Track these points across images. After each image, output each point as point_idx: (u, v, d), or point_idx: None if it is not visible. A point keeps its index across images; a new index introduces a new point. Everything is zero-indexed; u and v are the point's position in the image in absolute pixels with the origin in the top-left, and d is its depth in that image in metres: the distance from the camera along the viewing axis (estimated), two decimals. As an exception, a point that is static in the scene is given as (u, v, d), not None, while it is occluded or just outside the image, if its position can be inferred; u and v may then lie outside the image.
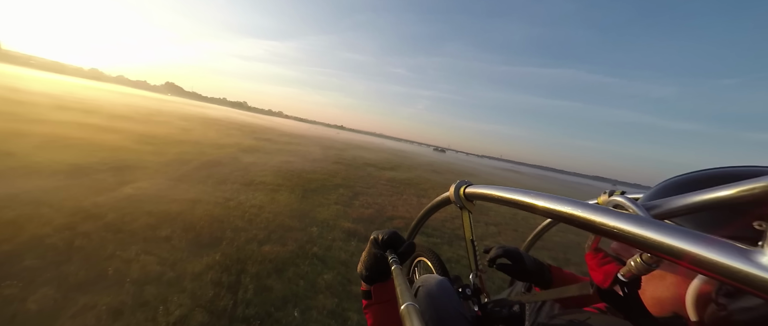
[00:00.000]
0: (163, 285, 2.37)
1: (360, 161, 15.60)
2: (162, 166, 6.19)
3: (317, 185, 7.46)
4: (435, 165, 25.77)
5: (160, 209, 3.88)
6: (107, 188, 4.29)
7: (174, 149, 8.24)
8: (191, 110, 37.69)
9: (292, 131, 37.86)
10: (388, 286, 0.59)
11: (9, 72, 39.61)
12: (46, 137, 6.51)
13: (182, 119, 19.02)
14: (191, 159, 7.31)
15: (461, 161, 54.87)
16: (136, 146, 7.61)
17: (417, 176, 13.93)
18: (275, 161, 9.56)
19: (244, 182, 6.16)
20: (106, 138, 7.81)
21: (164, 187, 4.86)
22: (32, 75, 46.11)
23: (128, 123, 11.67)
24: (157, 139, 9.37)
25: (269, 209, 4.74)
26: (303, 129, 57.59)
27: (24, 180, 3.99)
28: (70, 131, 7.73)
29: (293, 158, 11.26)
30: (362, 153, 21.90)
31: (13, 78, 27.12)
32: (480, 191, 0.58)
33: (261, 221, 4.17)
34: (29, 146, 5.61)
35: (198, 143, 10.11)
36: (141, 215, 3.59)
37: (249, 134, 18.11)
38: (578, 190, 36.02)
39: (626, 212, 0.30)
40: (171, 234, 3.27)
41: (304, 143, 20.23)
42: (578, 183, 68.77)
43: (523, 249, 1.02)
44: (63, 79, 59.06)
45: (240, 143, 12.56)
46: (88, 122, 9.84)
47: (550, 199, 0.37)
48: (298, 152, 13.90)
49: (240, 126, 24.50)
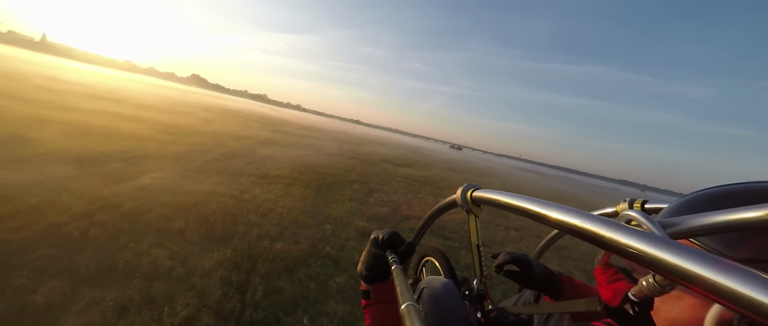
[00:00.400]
0: (171, 282, 2.30)
1: (375, 157, 15.46)
2: (181, 156, 6.28)
3: (332, 180, 7.37)
4: (452, 163, 25.25)
5: (175, 201, 3.88)
6: (127, 177, 4.35)
7: (194, 139, 8.39)
8: (213, 101, 38.88)
9: (309, 124, 38.28)
10: (388, 287, 0.58)
11: (50, 63, 42.27)
12: (75, 125, 6.76)
13: (204, 110, 19.57)
14: (210, 150, 7.40)
15: (479, 160, 53.62)
16: (158, 135, 7.79)
17: (433, 174, 13.61)
18: (291, 155, 9.57)
19: (259, 175, 6.14)
20: (130, 127, 8.05)
21: (182, 178, 4.89)
22: (70, 66, 49.01)
23: (153, 113, 12.07)
24: (179, 129, 9.59)
25: (283, 204, 4.66)
26: (320, 123, 58.17)
27: (50, 166, 4.09)
28: (98, 120, 8.02)
29: (309, 152, 11.26)
30: (378, 149, 21.75)
31: (53, 68, 28.85)
32: (487, 196, 0.54)
33: (274, 217, 4.09)
34: (59, 133, 5.82)
35: (217, 134, 10.28)
36: (157, 206, 3.59)
37: (267, 127, 18.39)
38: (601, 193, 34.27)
39: (640, 229, 0.28)
40: (184, 227, 3.23)
41: (320, 137, 20.33)
42: (602, 187, 65.28)
43: (533, 256, 0.98)
44: (98, 70, 62.52)
45: (258, 135, 12.72)
46: (115, 111, 10.22)
47: (559, 210, 0.35)
48: (314, 145, 13.93)
49: (259, 118, 24.97)
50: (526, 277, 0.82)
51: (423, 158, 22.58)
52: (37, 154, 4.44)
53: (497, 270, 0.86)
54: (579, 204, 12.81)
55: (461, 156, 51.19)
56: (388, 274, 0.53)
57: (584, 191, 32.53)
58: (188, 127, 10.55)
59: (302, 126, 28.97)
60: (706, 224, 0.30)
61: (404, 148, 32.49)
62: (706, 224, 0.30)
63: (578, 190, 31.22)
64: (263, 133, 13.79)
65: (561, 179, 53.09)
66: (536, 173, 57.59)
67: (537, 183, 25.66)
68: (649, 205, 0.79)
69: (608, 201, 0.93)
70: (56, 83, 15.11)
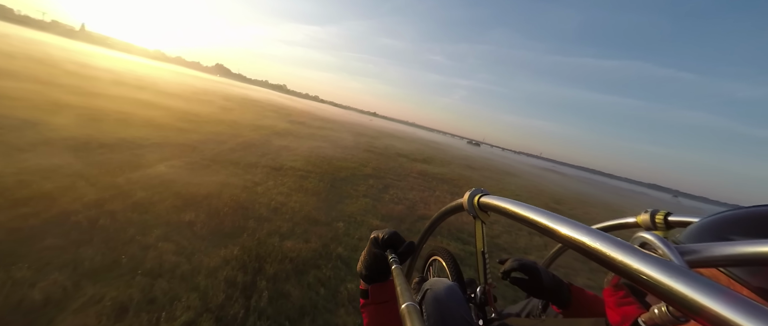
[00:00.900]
0: (175, 280, 2.18)
1: (392, 151, 15.19)
2: (198, 144, 6.28)
3: (347, 173, 7.20)
4: (470, 160, 24.57)
5: (188, 191, 3.80)
6: (143, 165, 4.33)
7: (212, 128, 8.44)
8: (234, 90, 39.74)
9: (327, 115, 38.42)
10: (387, 287, 0.58)
11: (85, 50, 44.53)
12: (97, 111, 6.91)
13: (224, 99, 19.94)
14: (226, 140, 7.40)
15: (497, 157, 52.14)
16: (177, 123, 7.88)
17: (451, 171, 13.21)
18: (307, 146, 9.48)
19: (274, 167, 6.05)
20: (152, 114, 8.19)
21: (197, 167, 4.84)
22: (103, 54, 51.48)
23: (174, 101, 12.33)
24: (198, 118, 9.71)
25: (296, 199, 4.52)
26: (337, 114, 58.36)
27: (69, 153, 4.12)
28: (119, 106, 8.21)
29: (325, 144, 11.15)
30: (394, 142, 21.46)
31: (87, 56, 30.33)
32: (495, 202, 0.50)
33: (286, 211, 3.95)
34: (79, 118, 5.95)
35: (235, 124, 10.35)
36: (169, 196, 3.52)
37: (284, 117, 18.51)
38: (627, 197, 32.44)
39: (654, 255, 0.26)
40: (194, 219, 3.13)
41: (336, 129, 20.27)
42: (628, 190, 61.59)
43: (543, 265, 0.95)
44: (129, 58, 65.37)
45: (275, 125, 12.75)
46: (138, 98, 10.48)
47: (569, 225, 0.33)
48: (330, 137, 13.83)
49: (277, 109, 25.24)
50: (534, 285, 0.78)
51: (440, 154, 22.08)
52: (59, 138, 4.51)
53: (504, 277, 0.82)
54: (603, 209, 12.09)
55: (479, 153, 49.95)
56: (388, 274, 0.53)
57: (609, 194, 30.89)
58: (207, 115, 10.69)
59: (319, 117, 29.09)
60: (730, 255, 0.27)
61: (421, 142, 31.99)
62: (731, 254, 0.27)
63: (602, 193, 29.68)
64: (280, 123, 13.83)
65: (585, 181, 50.69)
66: (558, 173, 55.34)
67: (559, 184, 24.53)
68: (673, 217, 0.71)
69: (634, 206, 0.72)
70: (86, 69, 15.78)
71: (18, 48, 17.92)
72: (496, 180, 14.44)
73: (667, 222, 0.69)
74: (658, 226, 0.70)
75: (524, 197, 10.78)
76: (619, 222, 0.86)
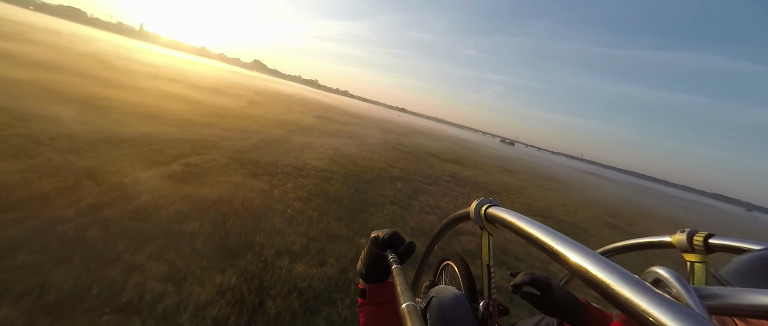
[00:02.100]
0: (153, 321, 1.72)
1: (421, 150, 14.43)
2: (221, 141, 6.05)
3: (373, 175, 6.63)
4: (504, 161, 22.95)
5: (198, 194, 3.44)
6: (158, 162, 4.08)
7: (237, 123, 8.30)
8: (266, 85, 41.00)
9: (355, 110, 38.29)
10: (385, 288, 0.57)
11: (138, 47, 48.39)
12: (128, 104, 6.96)
13: (255, 93, 20.35)
14: (250, 136, 7.16)
15: (534, 158, 48.78)
16: (204, 118, 7.80)
17: (486, 174, 12.17)
18: (332, 144, 9.06)
19: (295, 166, 5.64)
20: (180, 108, 8.21)
21: (214, 165, 4.53)
22: (154, 50, 55.72)
23: (206, 94, 12.57)
24: (228, 112, 9.69)
25: (315, 205, 4.03)
26: (365, 109, 58.25)
27: (86, 148, 3.96)
28: (150, 100, 8.32)
29: (351, 141, 10.69)
30: (423, 140, 20.59)
31: (137, 52, 32.80)
32: (502, 215, 0.47)
33: (302, 222, 3.45)
34: (109, 111, 5.95)
35: (262, 118, 10.22)
36: (176, 200, 3.16)
37: (312, 112, 18.42)
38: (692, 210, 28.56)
39: (668, 298, 0.23)
40: (197, 230, 2.72)
41: (364, 125, 19.84)
42: (690, 201, 53.49)
43: (559, 281, 0.91)
44: (175, 54, 70.26)
45: (301, 121, 12.54)
46: (172, 91, 10.73)
47: (579, 251, 0.29)
48: (356, 134, 13.37)
49: (305, 103, 25.42)
50: (546, 302, 0.71)
51: (472, 154, 20.82)
52: (80, 132, 4.40)
53: (514, 291, 0.75)
54: (666, 223, 10.28)
55: (514, 153, 47.10)
56: (387, 275, 0.55)
57: (669, 205, 27.30)
58: (235, 109, 10.69)
59: (347, 112, 28.92)
60: (756, 305, 0.23)
61: (451, 140, 30.66)
62: (757, 304, 0.23)
63: (661, 203, 26.29)
64: (307, 119, 13.63)
65: (637, 188, 45.48)
66: (604, 178, 50.59)
67: (610, 191, 22.04)
68: (716, 240, 0.60)
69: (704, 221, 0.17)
70: (131, 63, 16.76)
71: (77, 45, 19.59)
72: (539, 186, 13.09)
73: (708, 246, 0.59)
74: (696, 249, 0.59)
75: (573, 208, 9.50)
76: (649, 241, 0.73)
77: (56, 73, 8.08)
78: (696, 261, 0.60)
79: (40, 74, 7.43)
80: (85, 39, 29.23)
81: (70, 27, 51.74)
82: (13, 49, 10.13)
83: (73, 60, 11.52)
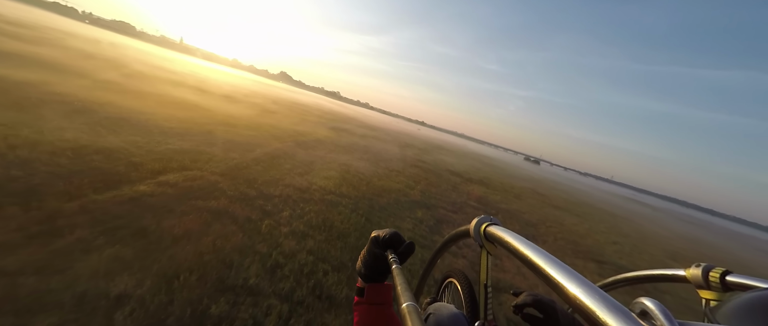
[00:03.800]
0: None
1: (442, 167, 13.31)
2: (223, 153, 5.35)
3: (389, 199, 5.66)
4: (533, 182, 21.16)
5: (160, 227, 2.62)
6: (126, 180, 3.34)
7: (246, 133, 7.67)
8: (286, 95, 41.57)
9: (373, 122, 37.80)
10: (383, 290, 0.57)
11: (173, 58, 50.97)
12: (135, 112, 6.49)
13: (273, 103, 20.19)
14: (255, 148, 6.45)
15: (563, 179, 45.65)
16: (211, 126, 7.23)
17: (516, 199, 10.82)
18: (344, 160, 8.20)
19: (298, 187, 4.79)
20: (190, 115, 7.73)
21: (197, 186, 3.75)
22: (187, 60, 58.76)
23: (222, 102, 12.26)
24: (239, 121, 9.17)
25: (312, 245, 3.10)
26: (384, 121, 57.84)
27: (63, 162, 3.30)
28: (163, 108, 7.90)
29: (366, 156, 9.81)
30: (444, 157, 19.42)
31: (169, 61, 34.32)
32: (502, 235, 0.47)
33: (290, 273, 2.53)
34: (111, 120, 5.43)
35: (273, 128, 9.60)
36: (125, 236, 2.35)
37: (328, 123, 17.85)
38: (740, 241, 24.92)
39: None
40: (130, 293, 1.86)
41: (381, 138, 19.01)
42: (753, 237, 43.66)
43: (568, 307, 0.75)
44: (206, 64, 73.94)
45: (314, 132, 11.84)
46: (187, 99, 10.43)
47: (571, 277, 0.29)
48: (373, 149, 12.49)
49: (323, 114, 25.10)
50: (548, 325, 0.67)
51: (497, 173, 19.31)
52: (63, 141, 3.79)
53: (515, 311, 0.71)
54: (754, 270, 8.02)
55: (540, 172, 44.41)
56: (386, 275, 0.56)
57: (734, 242, 23.85)
58: (249, 118, 10.19)
59: (365, 124, 28.36)
60: None
61: (474, 158, 29.15)
62: None
63: (723, 240, 23.00)
64: (321, 130, 12.94)
65: (684, 218, 39.38)
66: (644, 204, 46.21)
67: (657, 222, 19.36)
68: (734, 278, 0.57)
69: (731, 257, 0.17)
70: (156, 70, 17.07)
71: (116, 54, 20.48)
72: (579, 216, 11.49)
73: (725, 283, 0.56)
74: (712, 285, 0.57)
75: (626, 247, 7.91)
76: (662, 273, 0.72)
77: (71, 77, 7.90)
78: (711, 298, 0.56)
79: (43, 76, 7.22)
80: (128, 49, 31.00)
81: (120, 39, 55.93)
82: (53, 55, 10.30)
83: (93, 65, 11.65)
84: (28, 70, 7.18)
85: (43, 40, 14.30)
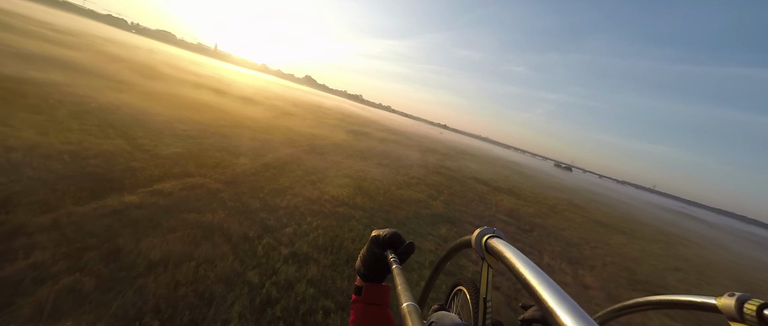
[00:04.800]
0: None
1: (466, 173, 12.46)
2: (228, 157, 5.04)
3: (408, 212, 5.06)
4: (568, 192, 19.47)
5: (133, 250, 2.22)
6: (118, 188, 3.03)
7: (260, 136, 7.40)
8: (308, 97, 42.01)
9: (394, 126, 37.24)
10: (380, 290, 0.58)
11: (204, 62, 53.63)
12: (146, 113, 6.40)
13: (293, 105, 20.23)
14: (267, 152, 6.11)
15: (599, 188, 42.33)
16: (225, 129, 7.03)
17: (552, 212, 9.76)
18: (361, 166, 7.70)
19: (308, 197, 4.33)
20: (209, 117, 7.61)
21: (194, 195, 3.38)
22: (217, 65, 61.68)
23: (241, 105, 12.25)
24: (255, 123, 8.99)
25: (317, 268, 2.59)
26: (405, 124, 57.11)
27: (58, 168, 3.06)
28: (178, 110, 7.84)
29: (385, 162, 9.26)
30: (469, 162, 18.42)
31: (200, 66, 35.94)
32: (501, 248, 0.43)
33: (288, 305, 2.06)
34: (121, 120, 5.31)
35: (290, 131, 9.32)
36: (89, 262, 1.96)
37: (347, 126, 17.51)
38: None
39: None
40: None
41: (402, 143, 18.38)
42: None
43: None
44: (235, 69, 77.32)
45: (332, 135, 11.47)
46: (205, 100, 10.45)
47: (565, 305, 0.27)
48: (392, 153, 11.91)
49: (343, 116, 24.89)
50: None
51: (527, 181, 17.97)
52: (58, 144, 3.60)
53: (522, 325, 0.73)
54: None
55: (574, 180, 41.44)
56: (385, 275, 0.56)
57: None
58: (266, 121, 10.01)
59: (385, 128, 27.85)
60: None
61: (500, 164, 27.65)
62: None
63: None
64: (339, 134, 12.56)
65: (747, 237, 32.22)
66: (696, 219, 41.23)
67: (720, 243, 16.49)
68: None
69: None
70: (184, 74, 17.63)
71: (150, 59, 21.57)
72: (627, 234, 10.17)
73: (762, 317, 0.46)
74: (747, 319, 0.47)
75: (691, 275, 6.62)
76: (690, 300, 0.59)
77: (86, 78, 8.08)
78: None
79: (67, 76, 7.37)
80: (165, 55, 32.85)
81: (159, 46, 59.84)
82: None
83: (117, 68, 12.09)
84: (58, 72, 7.39)
85: (84, 46, 15.21)
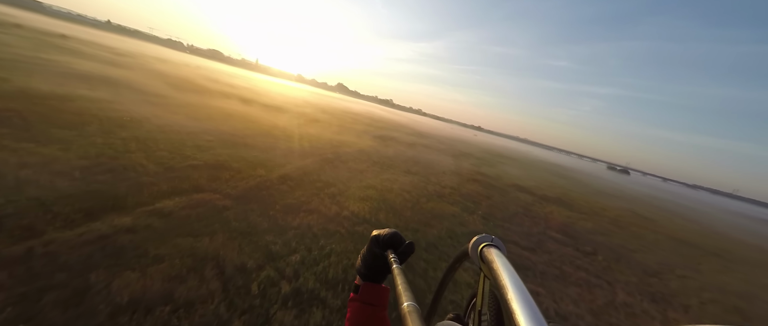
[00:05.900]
0: None
1: (506, 181, 11.27)
2: (244, 168, 4.75)
3: (440, 230, 4.35)
4: (630, 199, 17.03)
5: (122, 284, 1.85)
6: (122, 207, 2.77)
7: (281, 145, 7.16)
8: (338, 103, 42.53)
9: (425, 129, 36.19)
10: (378, 291, 0.58)
11: (245, 75, 57.35)
12: (167, 124, 6.45)
13: (321, 112, 20.31)
14: (286, 163, 5.78)
15: (665, 194, 36.92)
16: (252, 138, 6.89)
17: (616, 227, 8.29)
18: (387, 175, 7.09)
19: (326, 214, 3.84)
20: (235, 127, 7.59)
21: (210, 210, 3.05)
22: (254, 76, 65.78)
23: (269, 113, 12.33)
24: (280, 131, 8.85)
25: (322, 314, 2.06)
26: (437, 128, 55.55)
27: (56, 181, 2.92)
28: (209, 122, 7.92)
29: (414, 169, 8.56)
30: (508, 168, 16.95)
31: (237, 77, 38.28)
32: (494, 258, 0.41)
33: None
34: (141, 130, 5.32)
35: (312, 139, 9.03)
36: (68, 302, 1.60)
37: (375, 131, 17.02)
38: None
39: None
40: None
41: (433, 146, 17.47)
42: None
43: None
44: (271, 79, 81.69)
45: (357, 142, 11.01)
46: (233, 110, 10.63)
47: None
48: (422, 160, 11.15)
49: (371, 121, 24.55)
50: None
51: (579, 188, 15.99)
52: (71, 158, 3.52)
53: None
54: None
55: (633, 185, 36.66)
56: (384, 276, 0.57)
57: None
58: (290, 128, 9.87)
59: (415, 131, 27.00)
60: None
61: (544, 168, 25.31)
62: None
63: None
64: (365, 140, 12.08)
65: None
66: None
67: None
68: None
69: None
70: (223, 86, 18.57)
71: (195, 74, 23.27)
72: (718, 256, 8.33)
73: None
74: None
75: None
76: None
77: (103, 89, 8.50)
78: None
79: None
80: (211, 70, 35.64)
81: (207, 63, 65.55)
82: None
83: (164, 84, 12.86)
84: (106, 89, 7.88)
85: (137, 66, 16.69)
